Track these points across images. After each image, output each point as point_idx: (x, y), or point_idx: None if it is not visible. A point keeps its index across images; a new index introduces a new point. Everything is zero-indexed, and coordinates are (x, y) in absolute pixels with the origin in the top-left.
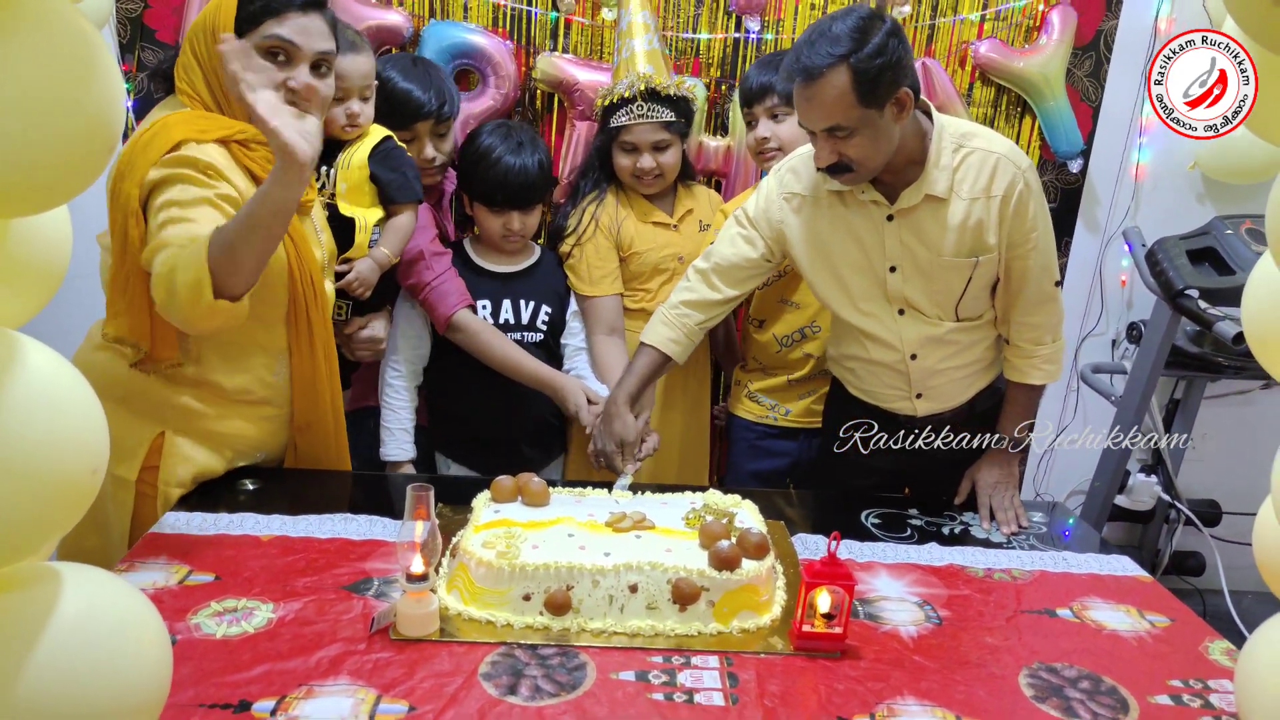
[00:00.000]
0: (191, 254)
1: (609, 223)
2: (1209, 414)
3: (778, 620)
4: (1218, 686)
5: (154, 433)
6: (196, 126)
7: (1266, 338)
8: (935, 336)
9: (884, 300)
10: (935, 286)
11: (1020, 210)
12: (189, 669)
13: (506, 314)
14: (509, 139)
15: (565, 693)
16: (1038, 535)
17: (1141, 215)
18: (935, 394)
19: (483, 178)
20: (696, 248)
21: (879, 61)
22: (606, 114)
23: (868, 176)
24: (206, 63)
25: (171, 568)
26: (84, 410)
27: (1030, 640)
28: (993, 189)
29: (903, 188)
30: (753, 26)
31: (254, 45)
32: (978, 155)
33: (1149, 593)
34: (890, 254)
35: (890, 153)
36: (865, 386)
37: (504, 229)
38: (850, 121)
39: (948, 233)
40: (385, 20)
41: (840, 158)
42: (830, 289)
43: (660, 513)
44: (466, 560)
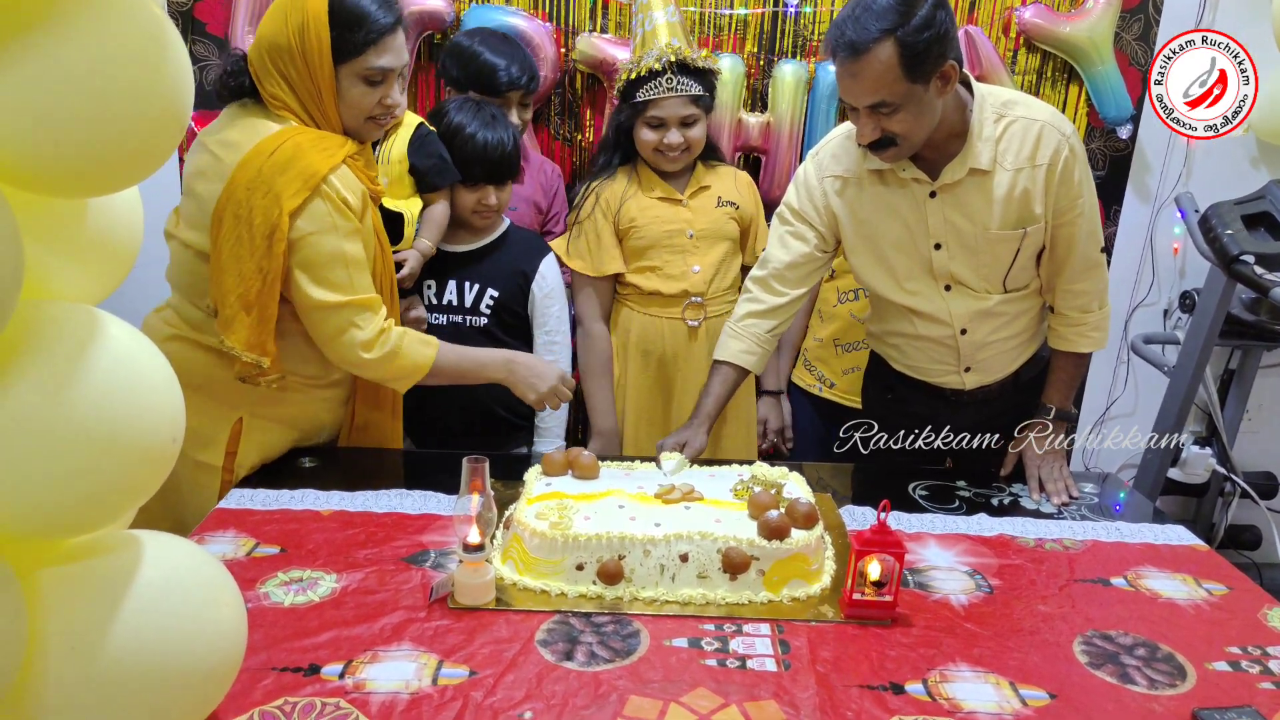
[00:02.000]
0: (418, 353)
1: (609, 202)
2: (1265, 384)
3: (827, 589)
4: (1277, 653)
5: (234, 418)
6: (323, 148)
7: None
8: (984, 310)
9: (930, 278)
10: (982, 260)
11: (1066, 177)
12: (260, 635)
13: (450, 295)
14: (480, 114)
15: (620, 659)
16: (1089, 506)
17: (1194, 181)
18: (984, 366)
19: (459, 153)
20: (711, 224)
21: (926, 35)
22: (631, 88)
23: (910, 152)
24: (301, 85)
25: (240, 540)
26: (163, 381)
27: (1084, 608)
28: (1038, 157)
29: (944, 163)
30: (792, 0)
31: (355, 73)
32: (1020, 124)
33: (1205, 561)
34: (934, 231)
35: (933, 126)
36: (911, 362)
37: (478, 204)
38: (895, 97)
39: (994, 206)
40: (426, 5)
41: (884, 133)
42: (873, 270)
43: (709, 485)
44: (521, 531)
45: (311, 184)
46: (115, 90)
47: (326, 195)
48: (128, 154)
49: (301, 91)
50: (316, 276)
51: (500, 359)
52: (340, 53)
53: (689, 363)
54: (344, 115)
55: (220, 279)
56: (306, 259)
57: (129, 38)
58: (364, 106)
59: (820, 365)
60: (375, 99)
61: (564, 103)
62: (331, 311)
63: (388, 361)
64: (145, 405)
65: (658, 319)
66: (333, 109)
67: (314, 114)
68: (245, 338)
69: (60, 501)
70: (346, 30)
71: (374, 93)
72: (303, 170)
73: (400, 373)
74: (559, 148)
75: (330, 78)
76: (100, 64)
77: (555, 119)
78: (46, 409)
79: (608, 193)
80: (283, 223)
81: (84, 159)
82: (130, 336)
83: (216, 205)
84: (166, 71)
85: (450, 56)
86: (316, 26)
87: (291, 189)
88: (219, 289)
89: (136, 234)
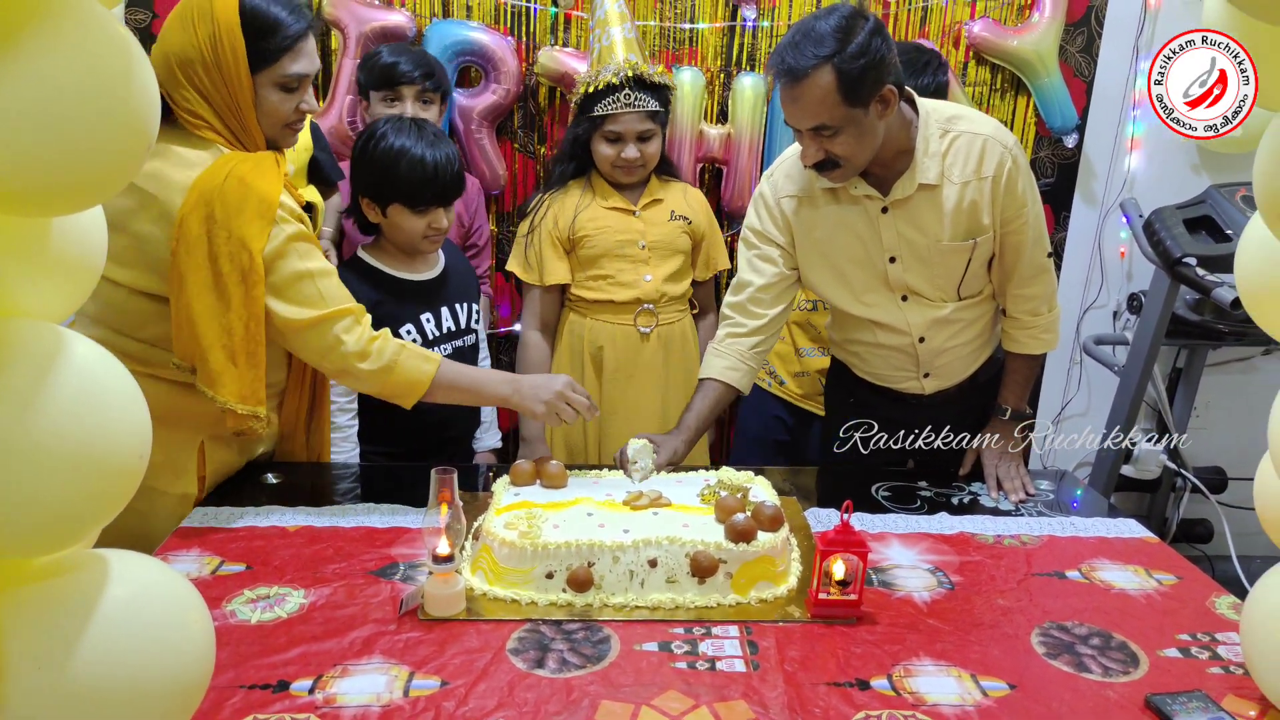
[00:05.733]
0: (417, 368)
1: (560, 215)
2: (1211, 382)
3: (794, 590)
4: (1225, 639)
5: (197, 442)
6: (263, 173)
7: (1260, 296)
8: (940, 318)
9: (886, 290)
10: (936, 271)
11: (1011, 188)
12: (227, 653)
13: (448, 322)
14: (422, 135)
15: (591, 664)
16: (1045, 503)
17: (1138, 187)
18: (942, 372)
19: (406, 177)
20: (663, 236)
21: (862, 61)
22: (589, 101)
23: (854, 172)
24: (218, 98)
25: (204, 559)
26: (129, 398)
27: (1041, 601)
28: (983, 170)
29: (894, 179)
30: (749, 14)
31: (272, 82)
32: (965, 139)
33: (1156, 553)
34: (889, 245)
35: (876, 147)
36: (872, 369)
37: (429, 228)
38: (835, 121)
39: (944, 218)
40: (389, 21)
41: (827, 155)
42: (831, 285)
43: (676, 491)
44: (490, 541)
45: (270, 216)
46: (83, 109)
47: (282, 219)
48: (95, 173)
49: (218, 104)
50: (287, 298)
51: (502, 380)
52: (256, 62)
53: (640, 368)
54: (262, 124)
55: (196, 335)
56: (273, 284)
57: (96, 56)
58: (282, 114)
59: (775, 361)
60: (292, 105)
61: (527, 116)
62: (312, 329)
63: (385, 374)
64: (112, 422)
65: (610, 325)
66: (252, 119)
67: (232, 126)
68: (238, 390)
69: (26, 520)
70: (260, 39)
71: (291, 99)
72: (257, 205)
73: (399, 388)
74: (522, 160)
75: (248, 88)
76: (67, 82)
77: (518, 132)
78: (12, 426)
79: (559, 205)
80: (256, 264)
81: (51, 178)
82: (95, 353)
83: (173, 256)
84: (133, 90)
85: (359, 67)
86: (230, 37)
87: (254, 229)
88: (195, 345)
89: (100, 251)
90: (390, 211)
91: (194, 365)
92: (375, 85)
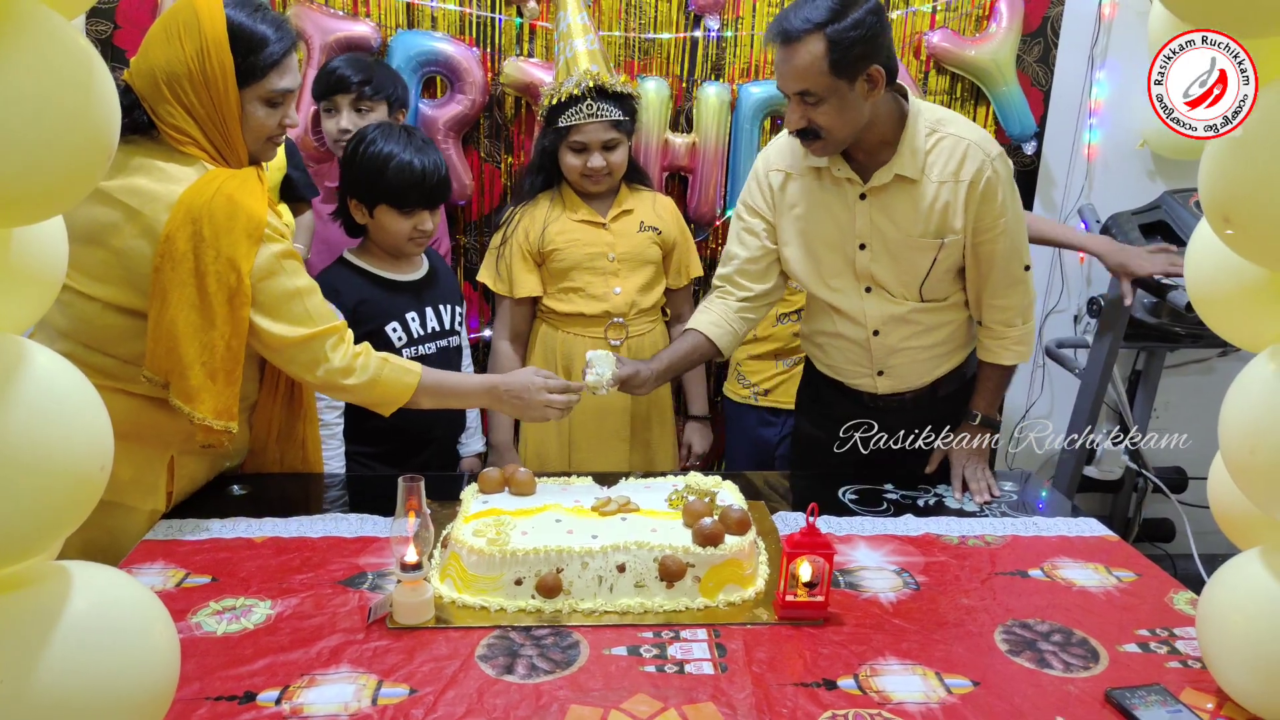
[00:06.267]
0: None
1: (530, 227)
2: (1171, 383)
3: (762, 593)
4: (1183, 634)
5: (166, 458)
6: (250, 190)
7: (1208, 299)
8: (898, 315)
9: (852, 277)
10: (901, 266)
11: (988, 196)
12: (192, 665)
13: (433, 322)
14: (410, 140)
15: (560, 670)
16: (1009, 504)
17: (1095, 193)
18: (896, 373)
19: (393, 180)
20: (633, 248)
21: (854, 35)
22: (554, 113)
23: (835, 148)
24: (204, 113)
25: (168, 571)
26: (89, 409)
27: (1004, 600)
28: (962, 174)
29: (876, 168)
30: (712, 25)
31: (258, 97)
32: (949, 140)
33: (1116, 551)
34: (861, 232)
35: (858, 126)
36: (831, 362)
37: (414, 230)
38: (820, 89)
39: (918, 214)
40: (353, 31)
41: (809, 123)
42: (803, 262)
43: (644, 496)
44: (458, 549)
45: (258, 235)
46: (42, 119)
47: (269, 238)
48: (54, 183)
49: (204, 119)
50: (276, 316)
51: (482, 386)
52: (243, 77)
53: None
54: (246, 139)
55: (177, 351)
56: (262, 303)
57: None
58: (266, 129)
59: (752, 375)
60: (276, 120)
61: (493, 126)
62: (300, 347)
63: (369, 389)
64: (72, 433)
65: (580, 338)
66: (237, 134)
67: (217, 141)
68: (214, 406)
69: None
70: (248, 54)
71: (275, 114)
72: (246, 224)
73: (383, 399)
74: (489, 170)
75: (235, 103)
76: (27, 93)
77: (485, 142)
78: None
79: (529, 217)
80: (244, 284)
81: (10, 189)
82: (56, 364)
83: (156, 271)
84: (93, 100)
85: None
86: (218, 52)
87: (243, 248)
88: (174, 361)
89: (60, 262)
90: (377, 213)
91: (167, 380)
92: (316, 95)
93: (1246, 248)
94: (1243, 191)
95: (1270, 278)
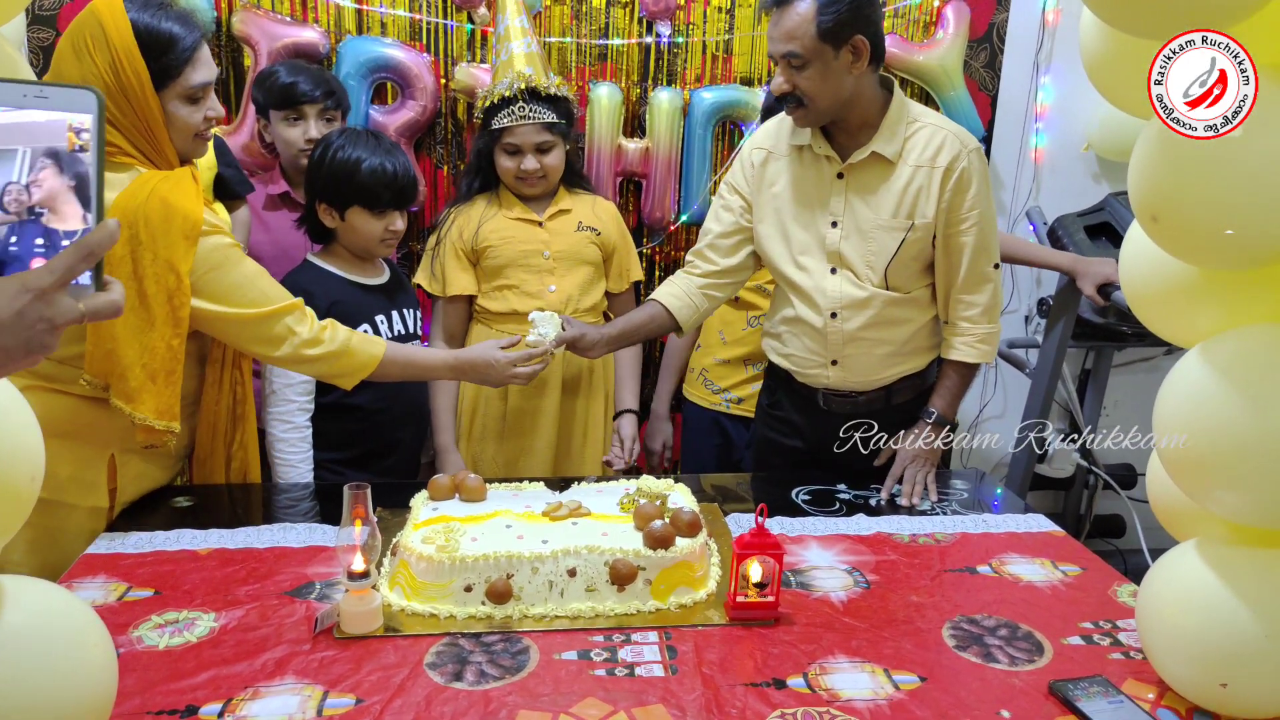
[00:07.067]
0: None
1: (464, 227)
2: (1119, 381)
3: (713, 595)
4: (1125, 626)
5: (106, 456)
6: (183, 191)
7: (1142, 297)
8: (860, 299)
9: (821, 254)
10: (870, 247)
11: (961, 186)
12: (133, 680)
13: (399, 325)
14: (379, 144)
15: (510, 675)
16: (961, 502)
17: (1043, 196)
18: (850, 364)
19: (367, 181)
20: (569, 247)
21: (842, 2)
22: (488, 115)
23: (817, 118)
24: (127, 122)
25: (110, 585)
26: (16, 418)
27: (952, 596)
28: (937, 160)
29: (855, 149)
30: (664, 31)
31: (177, 96)
32: (928, 129)
33: (1062, 546)
34: (834, 209)
35: (840, 98)
36: (788, 351)
37: (386, 231)
38: (806, 52)
39: (891, 195)
40: (301, 37)
41: (794, 88)
42: (773, 239)
43: (595, 500)
44: (407, 556)
45: (194, 235)
46: None
47: (208, 232)
48: None
49: (129, 129)
50: (230, 302)
51: (445, 361)
52: (159, 79)
53: (546, 381)
54: (174, 139)
55: (116, 353)
56: (214, 293)
57: None
58: (191, 125)
59: (722, 381)
60: (200, 115)
61: (446, 132)
62: (263, 323)
63: (335, 359)
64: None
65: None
66: (163, 137)
67: (144, 149)
68: (155, 406)
69: None
70: (159, 56)
71: (198, 109)
72: (181, 225)
73: (348, 369)
74: (442, 176)
75: (157, 107)
76: None
77: (438, 148)
78: None
79: (464, 217)
80: (183, 285)
81: None
82: None
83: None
84: None
85: (255, 85)
86: (130, 59)
87: (180, 249)
88: (113, 364)
89: None
90: (349, 215)
91: (107, 383)
92: (276, 105)
93: (1174, 245)
94: (1168, 189)
95: (1199, 274)
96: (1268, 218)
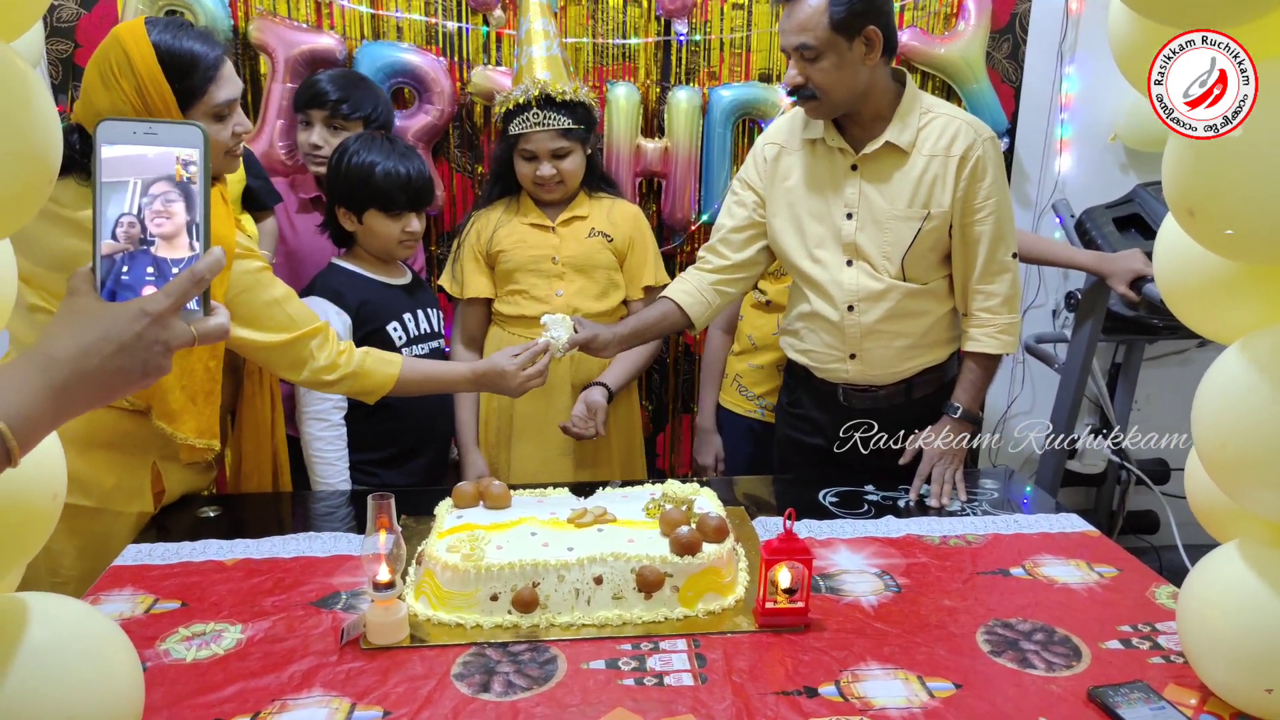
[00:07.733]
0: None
1: (482, 231)
2: (1150, 375)
3: (742, 601)
4: (1165, 629)
5: (148, 463)
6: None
7: (1177, 290)
8: (878, 290)
9: (836, 247)
10: (886, 237)
11: (976, 175)
12: (161, 694)
13: (424, 324)
14: (393, 148)
15: (537, 686)
16: (991, 501)
17: (1069, 188)
18: (869, 358)
19: (382, 185)
20: (580, 252)
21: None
22: (505, 120)
23: (830, 110)
24: None
25: (137, 598)
26: None
27: (986, 599)
28: (952, 149)
29: (868, 140)
30: (681, 29)
31: (203, 114)
32: (942, 120)
33: (1097, 546)
34: (849, 201)
35: (854, 90)
36: (805, 347)
37: (403, 232)
38: (818, 43)
39: (906, 185)
40: (318, 44)
41: (807, 81)
42: (788, 234)
43: (621, 506)
44: (432, 566)
45: (229, 259)
46: None
47: (240, 256)
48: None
49: None
50: (258, 326)
51: (464, 375)
52: (185, 100)
53: (552, 386)
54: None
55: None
56: (244, 316)
57: None
58: (220, 143)
59: (754, 387)
60: (228, 132)
61: (463, 135)
62: (285, 350)
63: (353, 380)
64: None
65: (524, 339)
66: None
67: None
68: (197, 426)
69: None
70: (183, 77)
71: (225, 126)
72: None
73: (366, 389)
74: (459, 179)
75: None
76: None
77: (454, 151)
78: None
79: (483, 221)
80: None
81: None
82: None
83: None
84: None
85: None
86: (154, 83)
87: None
88: (154, 385)
89: (9, 285)
90: (366, 218)
91: (149, 404)
92: (294, 107)
93: (1210, 240)
94: (1204, 182)
95: (1236, 269)
96: None
